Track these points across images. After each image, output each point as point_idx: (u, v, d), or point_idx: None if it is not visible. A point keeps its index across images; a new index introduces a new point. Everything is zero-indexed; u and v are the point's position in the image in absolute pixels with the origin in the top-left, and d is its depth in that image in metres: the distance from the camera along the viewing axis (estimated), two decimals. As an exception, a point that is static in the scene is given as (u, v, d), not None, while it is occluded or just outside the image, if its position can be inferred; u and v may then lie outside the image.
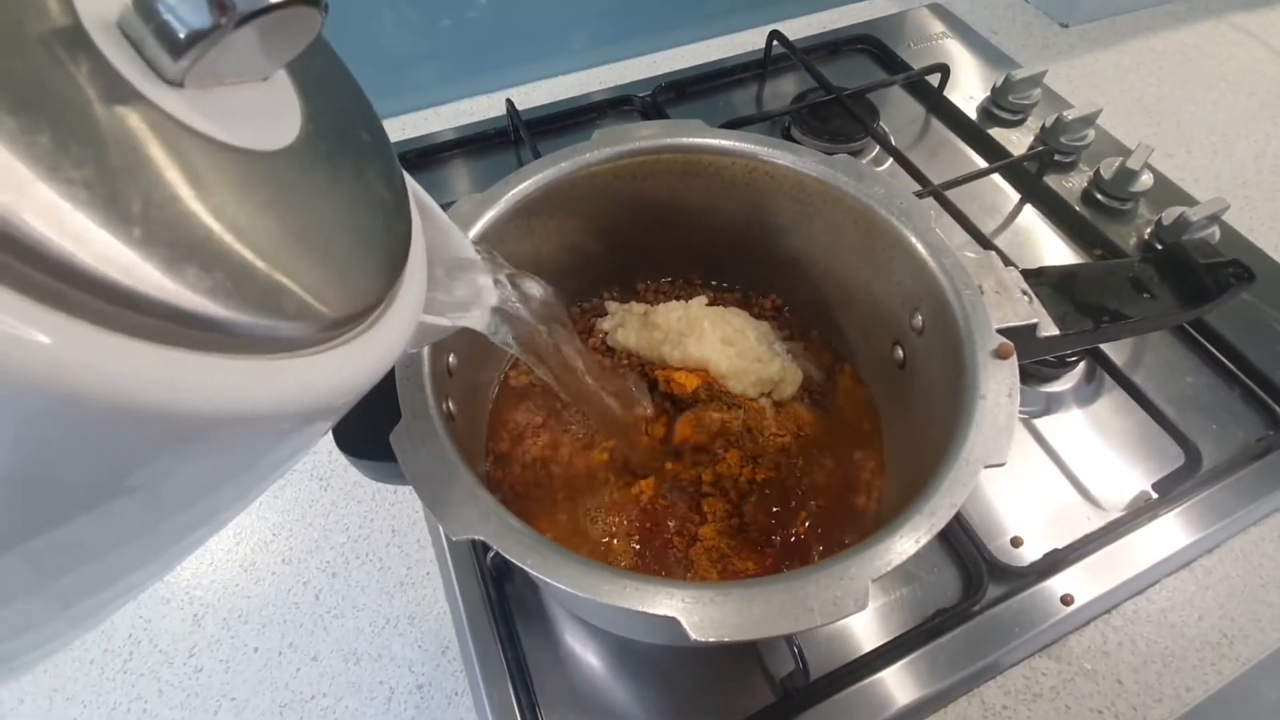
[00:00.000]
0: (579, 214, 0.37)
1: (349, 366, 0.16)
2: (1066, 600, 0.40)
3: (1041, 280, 0.34)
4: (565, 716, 0.37)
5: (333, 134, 0.19)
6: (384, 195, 0.20)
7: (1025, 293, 0.33)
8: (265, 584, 0.42)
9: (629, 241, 0.40)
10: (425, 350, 0.28)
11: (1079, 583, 0.41)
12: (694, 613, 0.22)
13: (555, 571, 0.22)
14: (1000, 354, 0.28)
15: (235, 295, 0.13)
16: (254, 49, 0.15)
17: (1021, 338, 0.31)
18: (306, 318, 0.15)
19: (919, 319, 0.33)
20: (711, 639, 0.21)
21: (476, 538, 0.23)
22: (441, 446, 0.25)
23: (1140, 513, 0.43)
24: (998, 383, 0.28)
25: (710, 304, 0.41)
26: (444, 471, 0.25)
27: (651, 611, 0.22)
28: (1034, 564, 0.41)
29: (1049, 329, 0.32)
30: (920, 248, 0.32)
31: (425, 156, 0.64)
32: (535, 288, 0.26)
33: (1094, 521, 0.43)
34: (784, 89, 0.70)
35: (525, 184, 0.34)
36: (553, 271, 0.39)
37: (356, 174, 0.19)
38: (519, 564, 0.22)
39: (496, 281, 0.24)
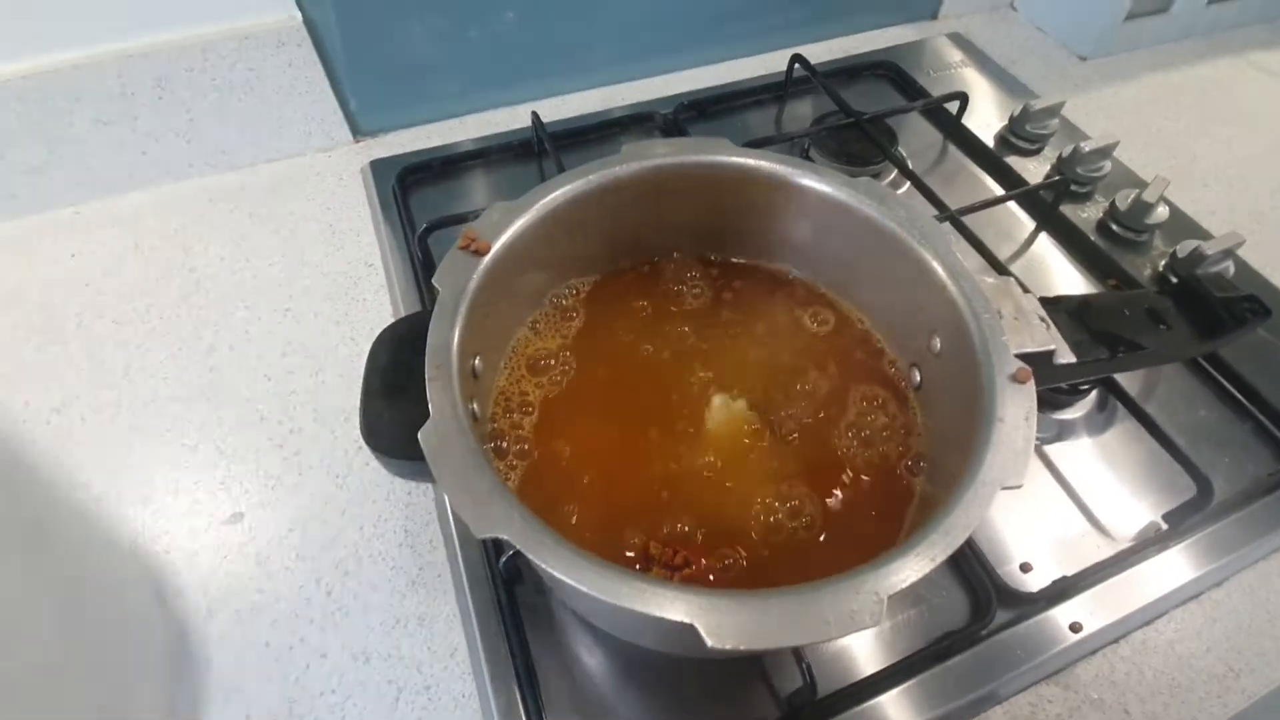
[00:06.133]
0: (604, 224, 0.38)
1: None
2: (1075, 628, 0.40)
3: (1058, 308, 0.34)
4: (569, 723, 0.37)
5: None
6: None
7: (1043, 319, 0.33)
8: (279, 579, 0.43)
9: (651, 249, 0.41)
10: (454, 350, 0.29)
11: (1088, 611, 0.41)
12: (710, 620, 0.22)
13: (576, 574, 0.23)
14: (1018, 378, 0.29)
15: None
16: None
17: (1038, 364, 0.31)
18: None
19: (937, 342, 0.34)
20: (727, 646, 0.22)
21: (501, 537, 0.23)
22: (468, 446, 0.26)
23: (1150, 543, 0.43)
24: (1015, 406, 0.28)
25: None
26: (470, 471, 0.25)
27: (669, 617, 0.22)
28: (1043, 590, 0.41)
29: (1065, 356, 0.32)
30: (940, 271, 0.33)
31: (449, 165, 0.65)
32: None
33: (1103, 550, 0.43)
34: (802, 111, 0.71)
35: (555, 194, 0.35)
36: (576, 271, 0.40)
37: None
38: (541, 565, 0.23)
39: None
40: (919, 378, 0.36)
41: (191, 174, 0.65)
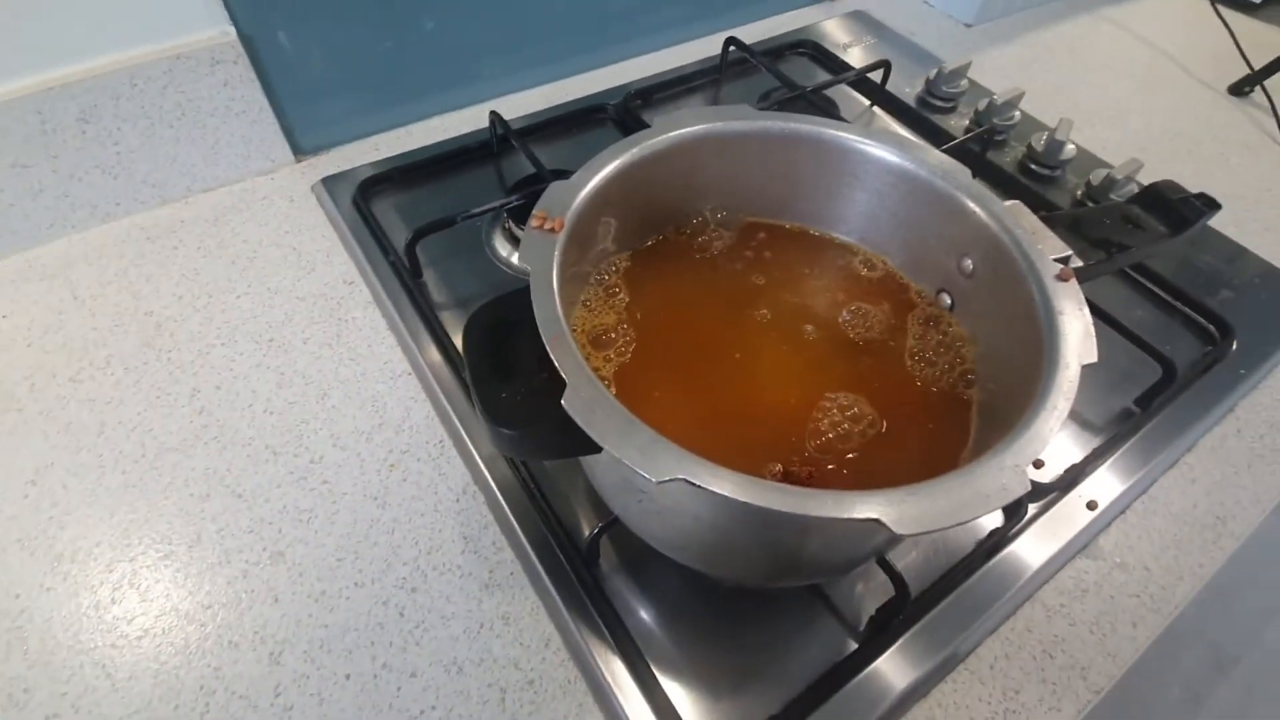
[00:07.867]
0: (647, 193, 0.39)
1: None
2: (1092, 506, 0.46)
3: (1055, 222, 0.39)
4: (680, 679, 0.38)
5: None
6: None
7: (1052, 233, 0.38)
8: (341, 610, 0.41)
9: (678, 218, 0.42)
10: (562, 320, 0.29)
11: (1096, 491, 0.47)
12: (890, 513, 0.24)
13: (760, 496, 0.24)
14: (1061, 277, 0.33)
15: None
16: None
17: (1060, 267, 0.36)
18: None
19: (968, 263, 0.38)
20: (914, 532, 0.24)
21: (679, 478, 0.24)
22: (612, 403, 0.26)
23: (1131, 426, 0.49)
24: (1068, 300, 0.32)
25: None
26: (624, 425, 0.26)
27: (855, 517, 0.24)
28: (1059, 479, 0.46)
29: (1075, 261, 0.37)
30: (967, 200, 0.37)
31: (407, 175, 0.64)
32: None
33: (1094, 439, 0.49)
34: (739, 92, 0.75)
35: (607, 169, 0.35)
36: (615, 246, 0.41)
37: None
38: (740, 499, 0.24)
39: None
40: (949, 300, 0.40)
41: (119, 213, 0.60)
